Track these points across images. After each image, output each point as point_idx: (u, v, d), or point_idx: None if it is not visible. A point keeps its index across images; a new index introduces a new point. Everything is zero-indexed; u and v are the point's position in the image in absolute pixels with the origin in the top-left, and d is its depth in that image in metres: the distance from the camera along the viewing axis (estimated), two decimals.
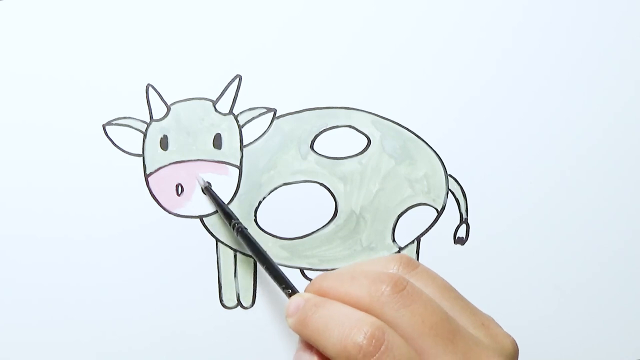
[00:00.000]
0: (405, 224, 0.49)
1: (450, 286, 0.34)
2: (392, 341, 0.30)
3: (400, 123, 0.48)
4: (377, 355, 0.29)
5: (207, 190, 0.46)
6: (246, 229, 0.44)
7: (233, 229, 0.44)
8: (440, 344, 0.31)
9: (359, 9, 0.48)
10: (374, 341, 0.30)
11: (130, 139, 0.47)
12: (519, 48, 0.49)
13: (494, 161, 0.49)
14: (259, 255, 0.41)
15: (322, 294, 0.33)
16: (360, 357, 0.30)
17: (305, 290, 0.35)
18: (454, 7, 0.49)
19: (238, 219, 0.44)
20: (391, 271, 0.34)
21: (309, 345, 0.33)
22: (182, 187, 0.47)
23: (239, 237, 0.43)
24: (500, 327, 0.34)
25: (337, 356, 0.30)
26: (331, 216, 0.48)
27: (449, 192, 0.49)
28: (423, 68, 0.48)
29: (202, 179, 0.46)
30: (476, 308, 0.34)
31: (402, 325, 0.31)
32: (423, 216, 0.49)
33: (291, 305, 0.34)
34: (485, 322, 0.34)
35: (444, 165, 0.49)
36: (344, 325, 0.30)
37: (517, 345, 0.34)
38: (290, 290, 0.36)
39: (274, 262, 0.39)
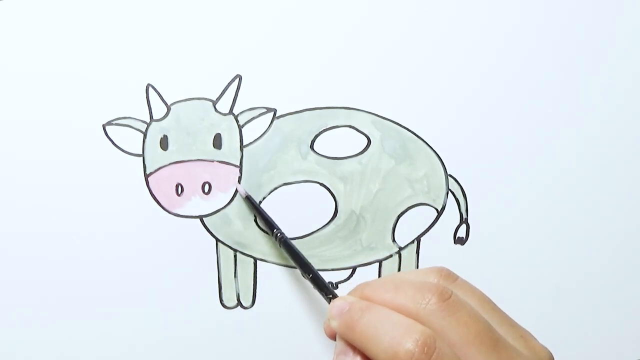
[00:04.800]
0: (405, 224, 0.49)
1: (489, 298, 0.35)
2: (443, 349, 0.30)
3: (400, 123, 0.48)
4: None
5: (249, 199, 0.46)
6: (289, 238, 0.44)
7: (275, 238, 0.44)
8: (484, 353, 0.31)
9: (358, 9, 0.48)
10: (425, 349, 0.30)
11: (130, 139, 0.47)
12: (519, 48, 0.49)
13: (494, 161, 0.49)
14: (302, 264, 0.41)
15: (365, 300, 0.34)
16: None
17: (348, 295, 0.35)
18: (453, 7, 0.49)
19: (280, 229, 0.44)
20: (433, 281, 0.34)
21: (351, 347, 0.33)
22: (182, 187, 0.47)
23: (281, 247, 0.44)
24: (537, 340, 0.34)
25: None
26: (331, 216, 0.48)
27: (449, 192, 0.49)
28: (423, 68, 0.48)
29: (243, 189, 0.46)
30: (514, 320, 0.35)
31: (448, 333, 0.31)
32: (423, 216, 0.49)
33: (334, 307, 0.34)
34: (524, 334, 0.34)
35: (444, 165, 0.49)
36: (394, 332, 0.31)
37: (553, 357, 0.34)
38: (332, 296, 0.37)
39: (317, 271, 0.40)
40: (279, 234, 0.44)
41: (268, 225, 0.45)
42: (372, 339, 0.31)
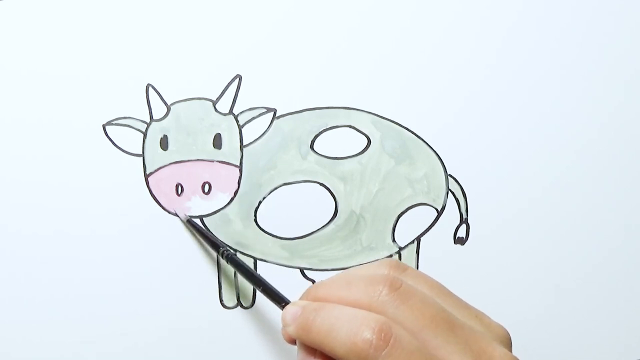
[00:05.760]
0: (405, 224, 0.49)
1: (440, 284, 0.35)
2: (400, 334, 0.31)
3: (400, 123, 0.48)
4: (387, 348, 0.30)
5: (190, 222, 0.46)
6: (235, 254, 0.44)
7: (222, 256, 0.44)
8: (441, 335, 0.31)
9: (358, 9, 0.48)
10: (382, 335, 0.30)
11: (130, 139, 0.47)
12: (519, 48, 0.49)
13: (494, 161, 0.49)
14: (253, 279, 0.41)
15: (318, 301, 0.34)
16: (371, 352, 0.30)
17: (299, 299, 0.35)
18: (453, 7, 0.49)
19: (225, 246, 0.45)
20: (383, 273, 0.34)
21: (310, 350, 0.33)
22: (182, 187, 0.47)
23: (229, 264, 0.44)
24: (491, 318, 0.35)
25: (346, 354, 0.31)
26: (331, 216, 0.48)
27: (449, 192, 0.49)
28: (423, 68, 0.48)
29: (184, 213, 0.46)
30: (467, 303, 0.35)
31: (403, 321, 0.32)
32: (423, 216, 0.49)
33: (287, 314, 0.34)
34: (478, 314, 0.35)
35: (444, 165, 0.49)
36: (350, 324, 0.31)
37: (509, 333, 0.35)
38: (284, 304, 0.37)
39: (269, 283, 0.40)
40: (225, 252, 0.44)
41: (213, 245, 0.45)
42: (328, 335, 0.32)
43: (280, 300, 0.37)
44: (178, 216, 0.47)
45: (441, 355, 0.31)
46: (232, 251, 0.44)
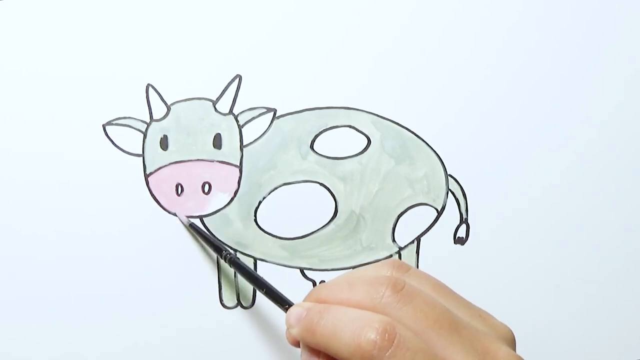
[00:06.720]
0: (405, 224, 0.49)
1: (443, 284, 0.35)
2: (404, 334, 0.31)
3: (400, 123, 0.48)
4: (391, 349, 0.30)
5: (192, 226, 0.46)
6: (238, 258, 0.44)
7: (225, 260, 0.43)
8: (446, 335, 0.31)
9: (358, 9, 0.48)
10: (386, 335, 0.30)
11: (130, 139, 0.47)
12: (519, 48, 0.49)
13: (494, 161, 0.49)
14: (255, 281, 0.41)
15: (322, 302, 0.34)
16: (375, 353, 0.30)
17: (303, 301, 0.35)
18: (453, 7, 0.49)
19: (227, 249, 0.44)
20: (386, 274, 0.34)
21: (315, 352, 0.33)
22: (182, 187, 0.47)
23: (231, 267, 0.44)
24: (495, 318, 0.35)
25: (351, 356, 0.31)
26: (331, 216, 0.48)
27: (449, 192, 0.49)
28: (423, 68, 0.48)
29: (185, 217, 0.46)
30: (470, 302, 0.35)
31: (406, 322, 0.32)
32: (423, 216, 0.49)
33: (291, 316, 0.34)
34: (482, 314, 0.35)
35: (444, 165, 0.49)
36: (354, 325, 0.31)
37: (513, 333, 0.35)
38: (288, 306, 0.37)
39: (272, 285, 0.39)
40: (228, 255, 0.43)
41: (215, 248, 0.45)
42: (333, 337, 0.32)
43: (283, 303, 0.37)
44: (179, 219, 0.47)
45: (445, 356, 0.31)
46: (234, 254, 0.44)
